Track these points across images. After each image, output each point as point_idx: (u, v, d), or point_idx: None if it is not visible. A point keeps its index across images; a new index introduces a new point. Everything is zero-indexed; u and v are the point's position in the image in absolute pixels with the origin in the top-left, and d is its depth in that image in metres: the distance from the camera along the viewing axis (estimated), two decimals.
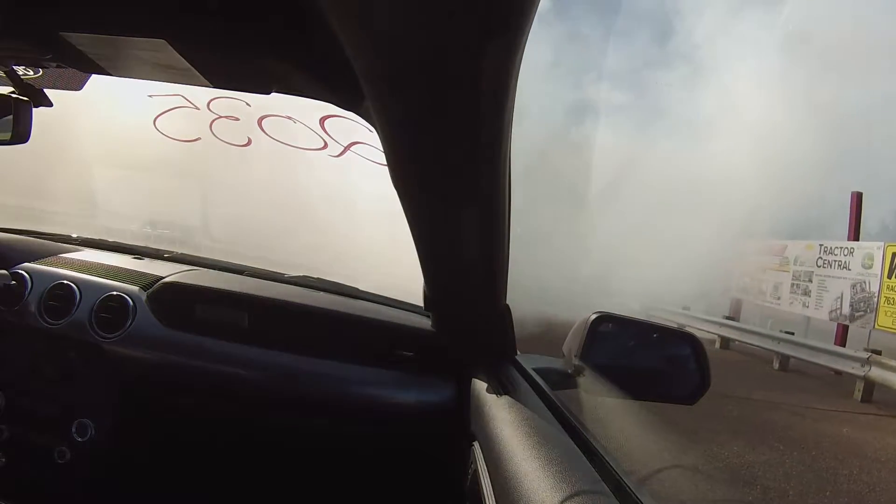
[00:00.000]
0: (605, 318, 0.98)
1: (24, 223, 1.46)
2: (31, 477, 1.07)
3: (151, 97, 3.06)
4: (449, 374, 1.09)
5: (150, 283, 1.19)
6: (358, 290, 1.36)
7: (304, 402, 1.11)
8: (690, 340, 1.02)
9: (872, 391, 5.65)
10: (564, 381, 0.99)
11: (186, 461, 1.19)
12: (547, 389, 0.84)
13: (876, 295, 6.79)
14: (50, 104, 0.99)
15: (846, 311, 7.31)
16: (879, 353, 5.77)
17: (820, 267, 7.93)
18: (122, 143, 2.99)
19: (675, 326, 1.08)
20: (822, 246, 7.97)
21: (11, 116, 0.97)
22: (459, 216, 0.62)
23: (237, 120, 3.10)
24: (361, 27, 0.37)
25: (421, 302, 0.96)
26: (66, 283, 1.14)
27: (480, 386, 0.91)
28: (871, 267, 6.99)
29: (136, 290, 1.16)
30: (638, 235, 8.74)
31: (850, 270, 7.35)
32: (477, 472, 0.73)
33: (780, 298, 8.73)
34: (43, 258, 1.24)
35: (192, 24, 0.58)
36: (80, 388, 1.09)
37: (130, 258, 1.34)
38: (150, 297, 1.16)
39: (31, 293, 1.13)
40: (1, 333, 1.12)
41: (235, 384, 1.10)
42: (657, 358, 1.05)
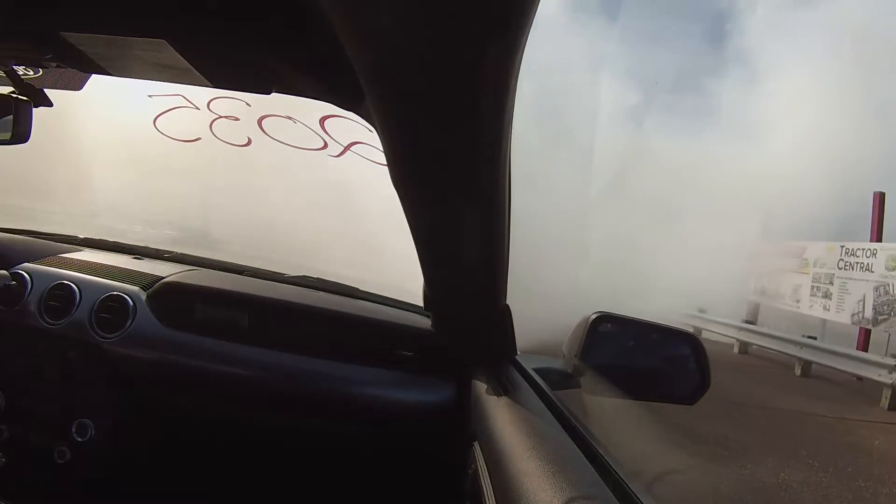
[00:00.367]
0: (605, 318, 0.98)
1: (22, 223, 1.46)
2: (31, 477, 1.07)
3: (151, 97, 3.06)
4: (449, 374, 1.09)
5: (150, 283, 1.19)
6: (358, 290, 1.36)
7: (304, 402, 1.11)
8: (690, 340, 1.02)
9: None
10: (564, 381, 0.99)
11: (186, 461, 1.19)
12: (547, 389, 0.84)
13: None
14: (50, 104, 0.99)
15: (868, 314, 7.03)
16: None
17: (841, 269, 7.63)
18: (122, 143, 3.00)
19: (675, 326, 1.07)
20: (843, 247, 7.66)
21: (11, 116, 0.97)
22: (459, 216, 0.62)
23: (237, 120, 3.10)
24: (361, 27, 0.37)
25: (421, 302, 0.96)
26: (66, 283, 1.14)
27: (480, 386, 0.91)
28: (894, 269, 6.79)
29: (136, 290, 1.16)
30: (653, 236, 8.26)
31: (872, 273, 7.05)
32: (477, 472, 0.73)
33: (799, 301, 8.41)
34: (43, 258, 1.24)
35: (192, 24, 0.58)
36: (80, 388, 1.09)
37: (130, 258, 1.34)
38: (150, 297, 1.16)
39: (31, 293, 1.13)
40: (1, 333, 1.12)
41: (235, 384, 1.10)
42: (657, 358, 1.05)
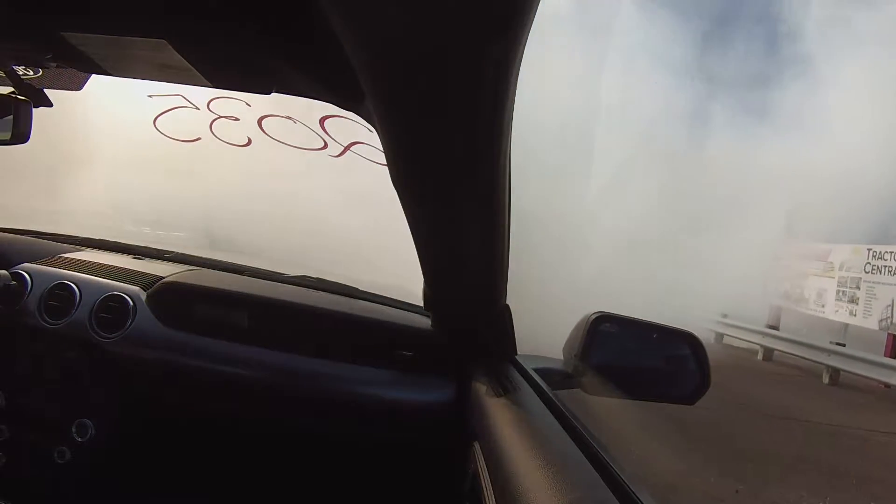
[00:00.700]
0: (604, 317, 0.98)
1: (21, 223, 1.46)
2: (31, 477, 1.07)
3: (151, 97, 3.06)
4: (449, 374, 1.09)
5: (150, 283, 1.19)
6: (358, 289, 1.35)
7: (303, 402, 1.11)
8: (690, 340, 1.02)
9: None
10: (564, 381, 0.99)
11: (186, 461, 1.19)
12: (547, 389, 0.84)
13: None
14: (50, 104, 0.99)
15: None
16: None
17: (868, 273, 7.44)
18: (122, 142, 3.00)
19: (675, 326, 1.07)
20: (870, 251, 7.46)
21: (11, 116, 0.97)
22: (459, 216, 0.62)
23: (237, 120, 3.11)
24: (361, 27, 0.37)
25: (421, 302, 0.96)
26: (66, 283, 1.14)
27: (480, 386, 0.91)
28: None
29: (136, 290, 1.16)
30: (682, 237, 7.73)
31: None
32: (477, 472, 0.73)
33: (824, 306, 8.18)
34: (43, 258, 1.24)
35: (192, 24, 0.58)
36: (80, 388, 1.09)
37: (130, 258, 1.34)
38: (150, 297, 1.16)
39: (31, 293, 1.13)
40: (1, 333, 1.12)
41: (235, 384, 1.10)
42: (657, 358, 1.05)
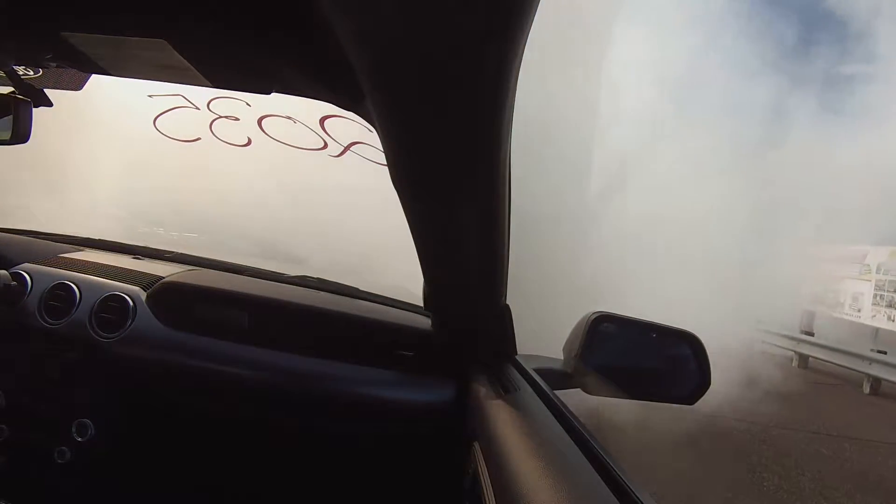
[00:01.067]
0: (604, 317, 0.98)
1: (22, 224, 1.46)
2: (31, 477, 1.07)
3: (151, 97, 3.06)
4: (449, 374, 1.09)
5: (150, 283, 1.19)
6: (358, 289, 1.36)
7: (304, 401, 1.11)
8: (690, 340, 1.02)
9: None
10: (564, 381, 0.98)
11: (186, 461, 1.19)
12: (547, 389, 0.84)
13: None
14: (50, 104, 0.99)
15: None
16: None
17: None
18: (121, 142, 3.00)
19: (675, 326, 1.07)
20: None
21: (11, 116, 0.97)
22: (459, 216, 0.62)
23: (237, 120, 3.11)
24: (361, 27, 0.37)
25: (421, 302, 0.96)
26: (66, 283, 1.14)
27: (480, 386, 0.91)
28: None
29: (136, 290, 1.16)
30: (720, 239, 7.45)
31: None
32: (477, 472, 0.73)
33: (860, 310, 7.74)
34: (43, 258, 1.24)
35: (192, 24, 0.58)
36: (80, 388, 1.09)
37: (130, 258, 1.35)
38: (150, 297, 1.16)
39: (31, 293, 1.13)
40: (1, 333, 1.12)
41: (235, 384, 1.10)
42: (657, 358, 1.05)
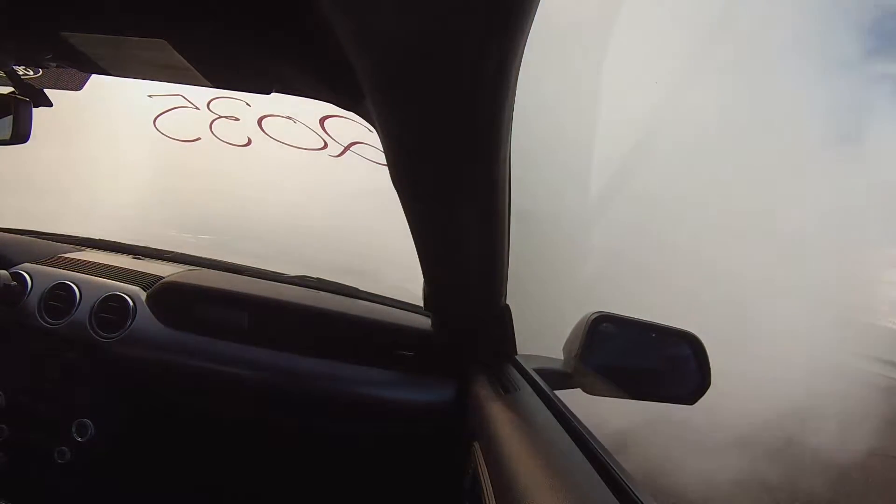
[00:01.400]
0: (604, 318, 0.98)
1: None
2: (31, 477, 1.07)
3: (151, 97, 3.06)
4: (449, 374, 1.09)
5: (150, 283, 1.19)
6: (358, 289, 1.36)
7: (304, 401, 1.11)
8: (690, 340, 1.02)
9: None
10: (564, 381, 0.98)
11: (186, 461, 1.19)
12: (547, 389, 0.84)
13: None
14: (50, 104, 0.99)
15: None
16: None
17: None
18: (121, 142, 3.00)
19: (674, 326, 1.07)
20: None
21: (11, 116, 0.97)
22: (459, 216, 0.62)
23: (237, 120, 3.10)
24: (361, 27, 0.37)
25: (421, 302, 0.96)
26: (66, 283, 1.14)
27: (480, 386, 0.91)
28: None
29: (136, 290, 1.16)
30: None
31: None
32: (477, 472, 0.73)
33: None
34: (43, 258, 1.24)
35: (192, 24, 0.58)
36: (80, 388, 1.09)
37: (130, 258, 1.35)
38: (150, 297, 1.16)
39: (31, 293, 1.13)
40: (1, 333, 1.12)
41: (235, 384, 1.10)
42: (657, 358, 1.05)
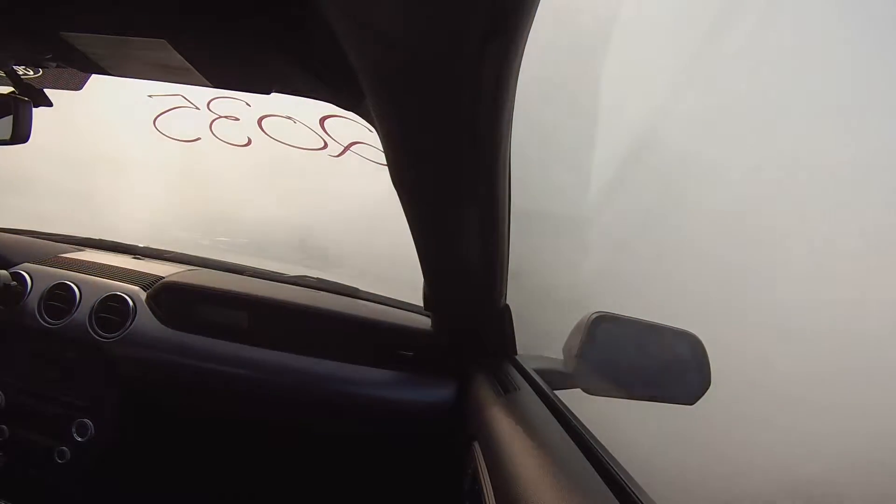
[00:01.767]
0: (604, 317, 0.98)
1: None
2: (31, 477, 1.07)
3: (151, 97, 3.06)
4: (449, 374, 1.09)
5: (150, 283, 1.19)
6: (358, 290, 1.36)
7: (304, 402, 1.11)
8: (690, 340, 1.02)
9: None
10: (564, 381, 0.99)
11: (186, 461, 1.19)
12: (547, 389, 0.84)
13: None
14: (50, 104, 0.99)
15: None
16: None
17: None
18: (120, 142, 3.01)
19: (675, 326, 1.07)
20: None
21: (11, 116, 0.97)
22: (459, 216, 0.62)
23: (237, 120, 3.10)
24: (361, 27, 0.37)
25: (421, 302, 0.96)
26: (66, 283, 1.14)
27: (480, 386, 0.91)
28: None
29: (136, 290, 1.16)
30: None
31: None
32: (477, 472, 0.73)
33: None
34: (43, 258, 1.24)
35: (192, 24, 0.58)
36: (80, 388, 1.09)
37: (130, 258, 1.35)
38: (150, 297, 1.16)
39: (31, 293, 1.13)
40: (1, 333, 1.12)
41: (235, 384, 1.10)
42: (657, 358, 1.05)
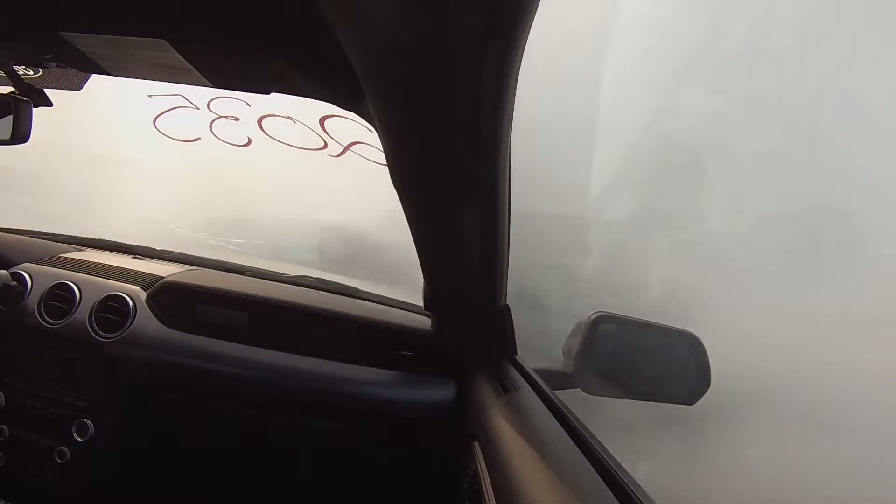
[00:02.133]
0: (604, 318, 0.98)
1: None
2: (31, 477, 1.07)
3: (151, 97, 3.06)
4: (449, 374, 1.09)
5: (150, 283, 1.19)
6: (358, 289, 1.36)
7: (304, 402, 1.11)
8: (690, 340, 1.02)
9: None
10: (564, 380, 0.99)
11: (186, 461, 1.19)
12: (547, 389, 0.84)
13: None
14: (50, 104, 0.99)
15: None
16: None
17: None
18: (120, 142, 3.01)
19: (675, 326, 1.07)
20: None
21: (11, 116, 0.97)
22: (459, 216, 0.62)
23: (237, 120, 3.10)
24: (361, 27, 0.37)
25: (421, 302, 0.96)
26: (66, 283, 1.14)
27: (480, 386, 0.91)
28: None
29: (136, 290, 1.16)
30: None
31: None
32: (477, 471, 0.73)
33: None
34: (43, 258, 1.24)
35: (192, 23, 0.58)
36: (80, 388, 1.09)
37: (130, 258, 1.35)
38: (150, 297, 1.16)
39: (31, 293, 1.13)
40: (1, 333, 1.12)
41: (235, 384, 1.10)
42: (657, 358, 1.05)
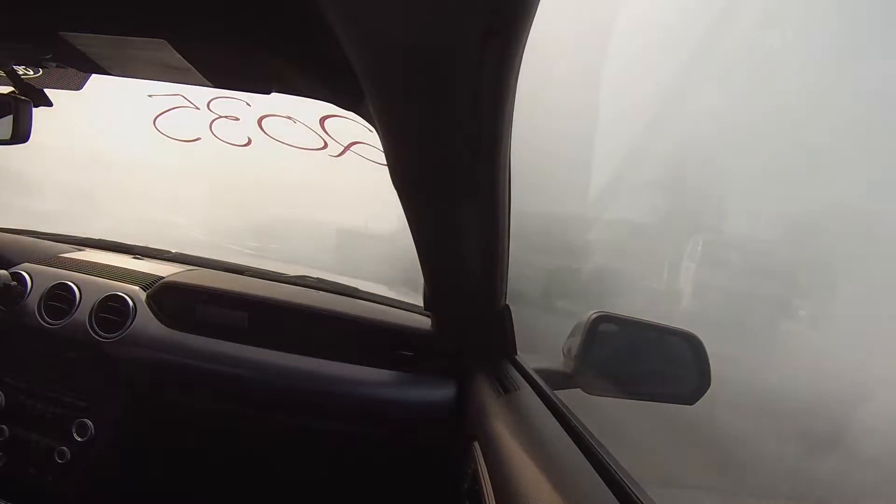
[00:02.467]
0: (604, 317, 0.99)
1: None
2: (31, 477, 1.07)
3: (151, 97, 3.06)
4: (449, 374, 1.09)
5: (150, 283, 1.19)
6: (358, 290, 1.36)
7: (303, 402, 1.11)
8: (690, 340, 1.02)
9: None
10: (564, 380, 0.99)
11: (186, 461, 1.19)
12: (547, 389, 0.84)
13: None
14: (50, 104, 0.99)
15: None
16: None
17: None
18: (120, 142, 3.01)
19: (675, 326, 1.07)
20: None
21: (11, 116, 0.97)
22: (460, 216, 0.62)
23: (237, 120, 3.11)
24: (361, 27, 0.37)
25: (421, 302, 0.96)
26: (66, 283, 1.14)
27: (480, 386, 0.91)
28: None
29: (136, 290, 1.16)
30: None
31: None
32: (477, 471, 0.73)
33: None
34: (43, 258, 1.24)
35: (192, 23, 0.58)
36: (80, 388, 1.09)
37: (130, 258, 1.35)
38: (150, 297, 1.16)
39: (31, 293, 1.13)
40: (1, 333, 1.12)
41: (235, 384, 1.10)
42: (657, 358, 1.05)
